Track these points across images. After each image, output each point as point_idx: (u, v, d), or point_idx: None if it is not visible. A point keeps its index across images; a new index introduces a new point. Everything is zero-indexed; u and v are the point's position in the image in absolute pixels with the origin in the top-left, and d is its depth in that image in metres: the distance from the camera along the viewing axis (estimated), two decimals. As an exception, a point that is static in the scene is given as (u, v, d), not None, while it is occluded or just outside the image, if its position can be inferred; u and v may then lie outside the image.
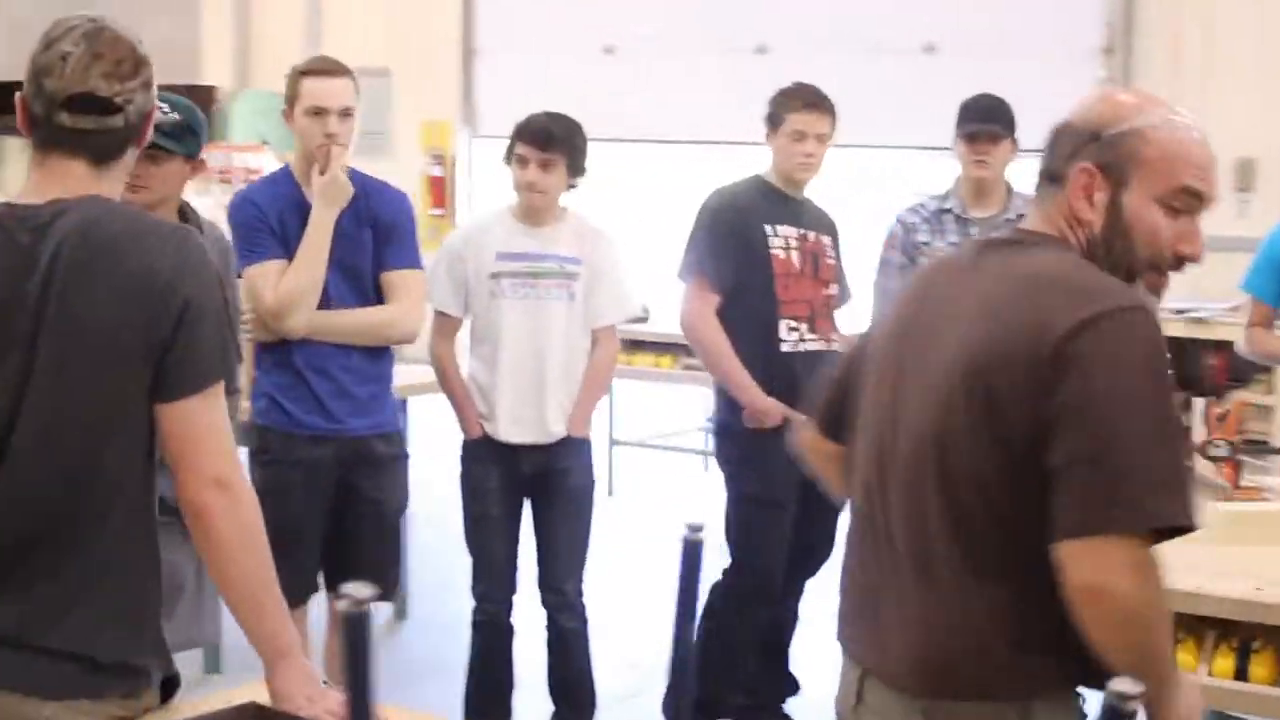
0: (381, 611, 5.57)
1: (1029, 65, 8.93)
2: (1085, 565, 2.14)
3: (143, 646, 2.59)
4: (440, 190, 11.36)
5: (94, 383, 2.48)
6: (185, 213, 4.04)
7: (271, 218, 4.35)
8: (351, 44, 11.95)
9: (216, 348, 2.54)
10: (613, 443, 8.88)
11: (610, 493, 8.73)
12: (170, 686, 2.67)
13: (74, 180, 2.55)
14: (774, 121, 5.02)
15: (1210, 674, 3.36)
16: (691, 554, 2.07)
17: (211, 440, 2.53)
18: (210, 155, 10.19)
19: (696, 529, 1.90)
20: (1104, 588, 2.15)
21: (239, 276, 4.34)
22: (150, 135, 2.65)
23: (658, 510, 8.48)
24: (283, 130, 4.68)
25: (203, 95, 10.95)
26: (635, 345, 8.19)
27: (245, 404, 4.52)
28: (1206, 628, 3.42)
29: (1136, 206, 2.32)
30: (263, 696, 2.62)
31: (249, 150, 9.92)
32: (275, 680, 2.60)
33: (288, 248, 4.33)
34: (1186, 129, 2.37)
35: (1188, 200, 2.34)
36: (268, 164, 10.09)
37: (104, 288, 2.47)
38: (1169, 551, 2.19)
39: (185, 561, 4.10)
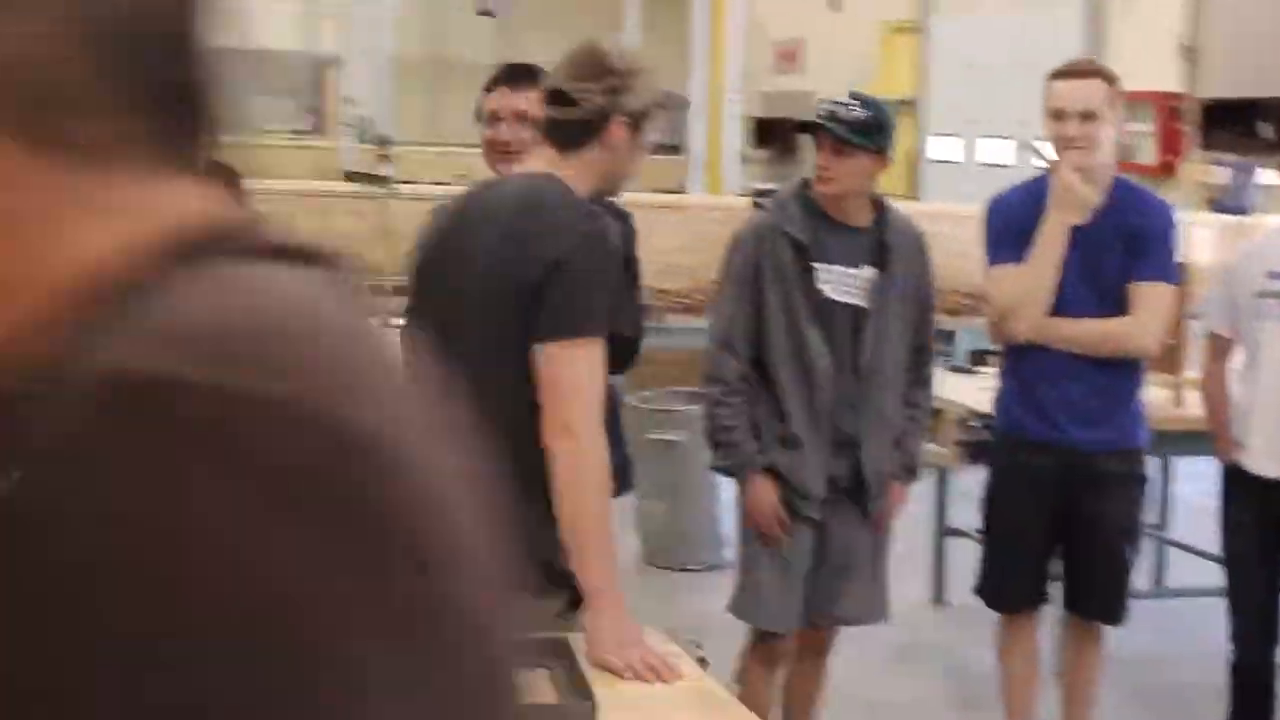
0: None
1: None
2: None
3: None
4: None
5: (485, 319, 2.84)
6: (881, 208, 4.07)
7: (1015, 222, 4.23)
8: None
9: (582, 305, 2.78)
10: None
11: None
12: None
13: (541, 160, 2.97)
14: None
15: None
16: None
17: (567, 388, 2.74)
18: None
19: None
20: None
21: None
22: (617, 139, 2.93)
23: None
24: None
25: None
26: None
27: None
28: None
29: None
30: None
31: None
32: (588, 620, 2.76)
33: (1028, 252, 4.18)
34: None
35: None
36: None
37: (496, 241, 2.87)
38: None
39: (862, 541, 4.19)
